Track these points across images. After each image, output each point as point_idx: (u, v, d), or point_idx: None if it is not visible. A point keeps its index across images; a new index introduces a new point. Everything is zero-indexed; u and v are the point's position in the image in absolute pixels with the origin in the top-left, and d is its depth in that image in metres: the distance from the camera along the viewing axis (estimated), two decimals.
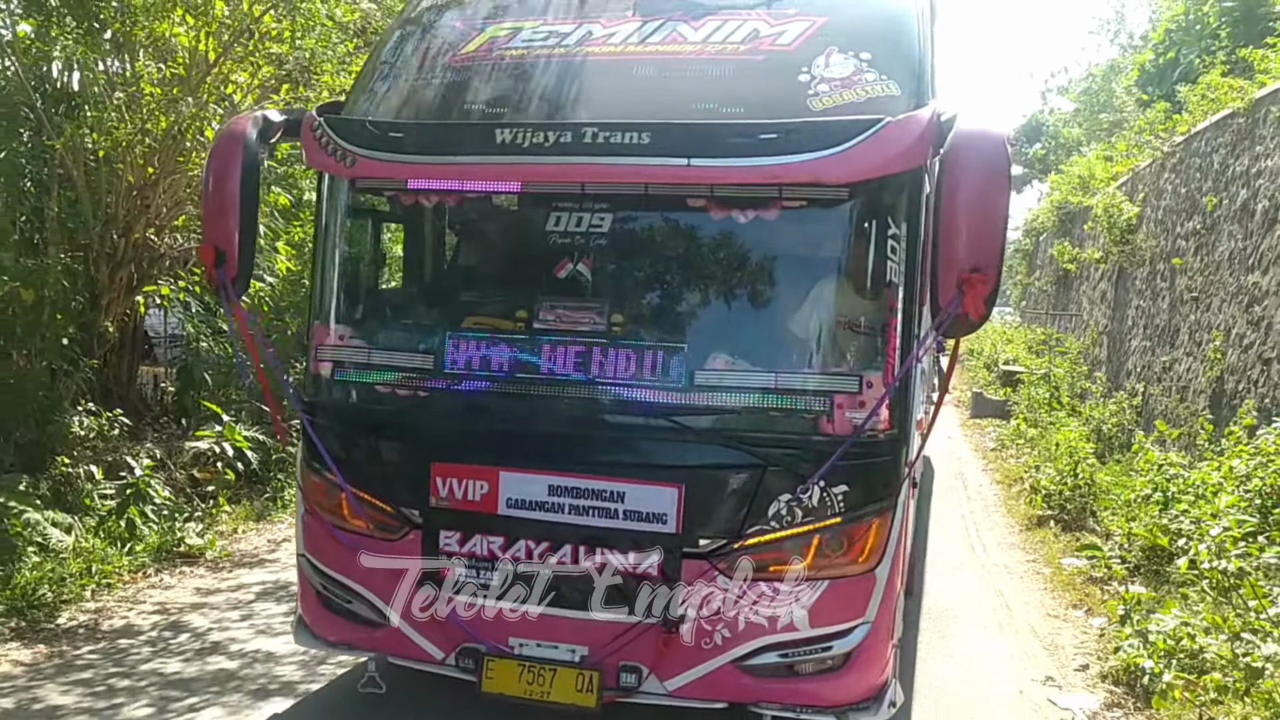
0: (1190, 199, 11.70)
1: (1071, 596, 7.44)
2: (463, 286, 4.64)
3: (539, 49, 4.14)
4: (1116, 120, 19.53)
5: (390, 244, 4.80)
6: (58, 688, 5.15)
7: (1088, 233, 16.90)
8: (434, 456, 3.98)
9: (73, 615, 6.26)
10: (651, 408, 3.80)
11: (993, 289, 3.34)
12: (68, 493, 7.89)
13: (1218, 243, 10.51)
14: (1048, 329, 21.18)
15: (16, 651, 5.62)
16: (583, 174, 3.79)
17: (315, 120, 4.06)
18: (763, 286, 4.07)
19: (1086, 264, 17.11)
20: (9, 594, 6.16)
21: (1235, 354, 9.40)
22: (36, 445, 8.10)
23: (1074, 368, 16.18)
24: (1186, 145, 12.17)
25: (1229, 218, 10.23)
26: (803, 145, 3.47)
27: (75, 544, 7.04)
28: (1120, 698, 5.57)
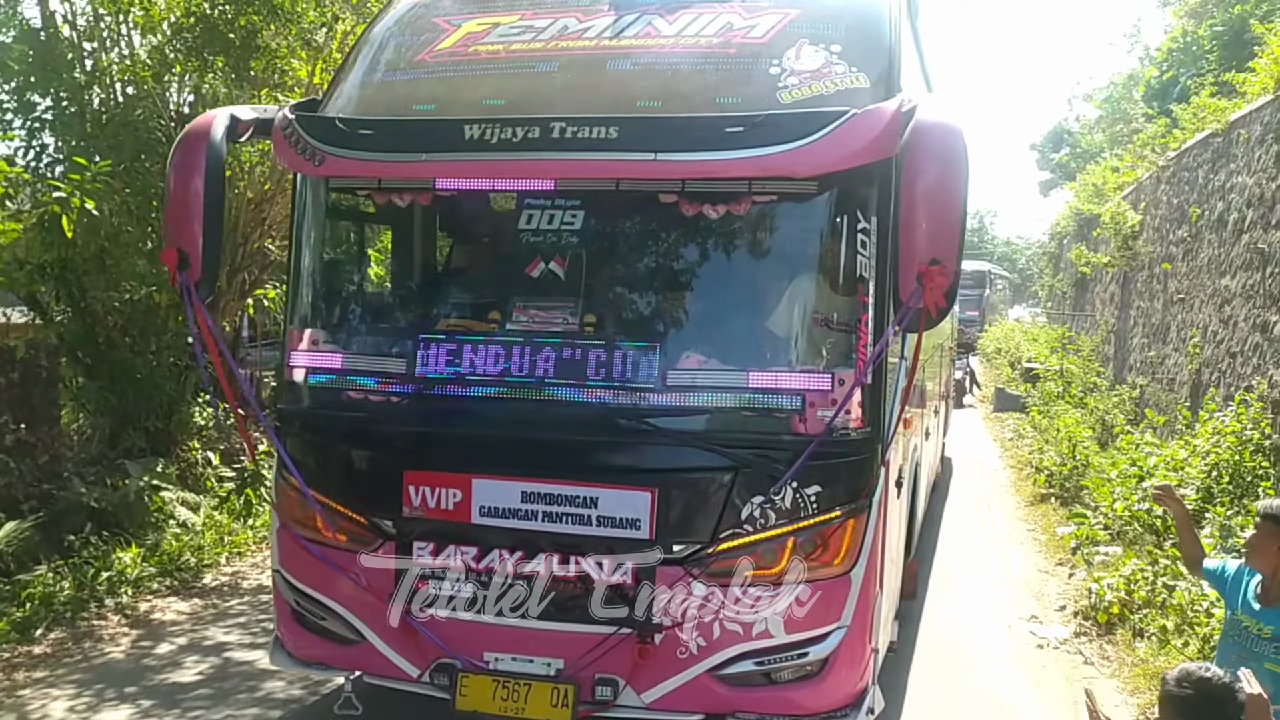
0: (1180, 209, 12.95)
1: (1060, 557, 8.79)
2: (436, 287, 4.54)
3: (514, 44, 4.09)
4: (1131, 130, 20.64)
5: (363, 244, 4.76)
6: (220, 629, 6.59)
7: (1097, 238, 18.11)
8: (406, 464, 3.89)
9: (215, 576, 7.73)
10: (624, 410, 3.74)
11: (952, 282, 3.30)
12: (190, 476, 9.37)
13: (1200, 250, 11.78)
14: (1066, 329, 22.34)
15: (176, 604, 7.11)
16: (551, 170, 3.72)
17: (286, 118, 3.97)
18: (734, 283, 4.04)
19: (1099, 268, 18.31)
20: (159, 559, 7.61)
21: (1210, 349, 10.68)
22: (164, 433, 9.41)
23: (1087, 364, 17.40)
24: (1178, 160, 13.40)
25: (1209, 227, 11.50)
26: (768, 138, 3.42)
27: (206, 519, 8.49)
28: (1087, 629, 6.93)
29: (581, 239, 3.97)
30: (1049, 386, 16.24)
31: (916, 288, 3.26)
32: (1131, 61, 33.92)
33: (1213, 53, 15.01)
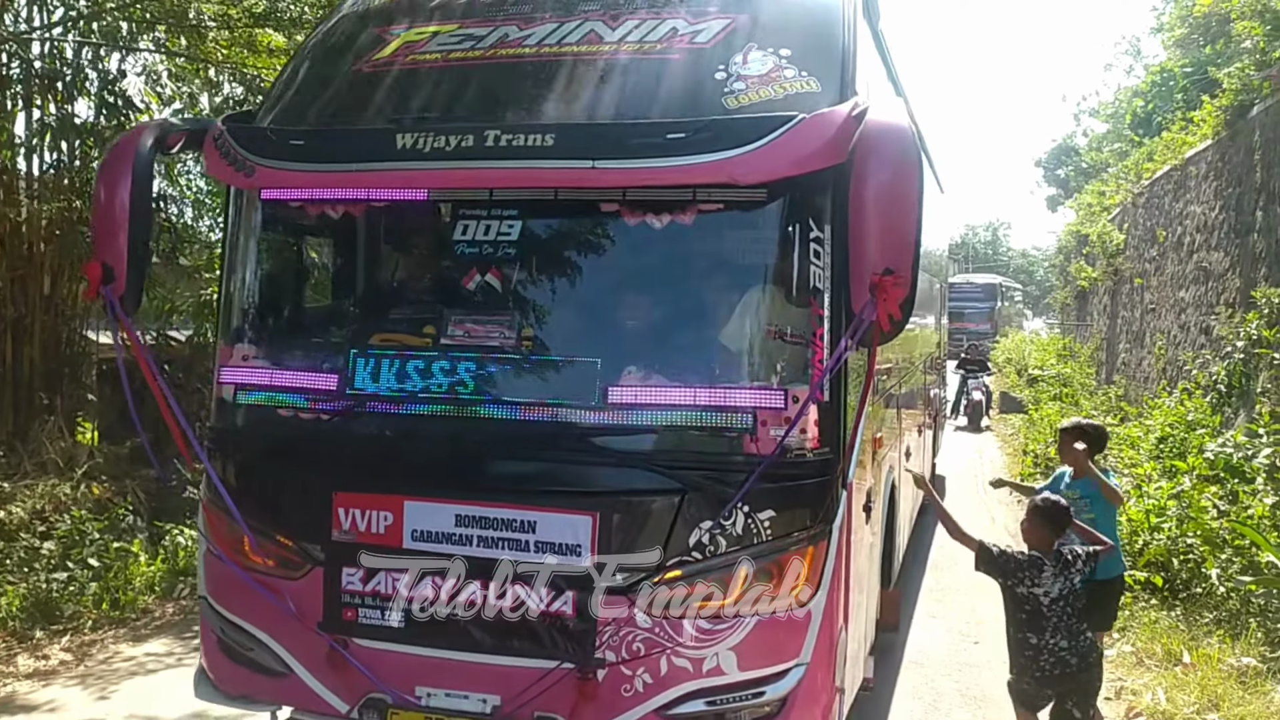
0: (1151, 231, 15.04)
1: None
2: (369, 301, 4.39)
3: (453, 52, 4.00)
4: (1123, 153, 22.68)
5: (296, 257, 4.65)
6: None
7: (1088, 255, 20.19)
8: (336, 485, 3.71)
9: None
10: (563, 428, 3.55)
11: (908, 292, 3.15)
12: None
13: (1166, 267, 13.86)
14: (1071, 338, 24.35)
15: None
16: (486, 179, 3.62)
17: (218, 129, 3.91)
18: (680, 296, 3.86)
19: (1093, 281, 20.38)
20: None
21: (1171, 350, 12.75)
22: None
23: (1083, 369, 19.43)
24: (1150, 188, 15.50)
25: (1171, 248, 13.59)
26: (713, 144, 3.29)
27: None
28: None
29: (519, 250, 3.78)
30: (1044, 389, 18.27)
31: (869, 299, 3.12)
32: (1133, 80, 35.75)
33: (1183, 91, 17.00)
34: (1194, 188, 12.71)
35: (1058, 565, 4.31)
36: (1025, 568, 4.31)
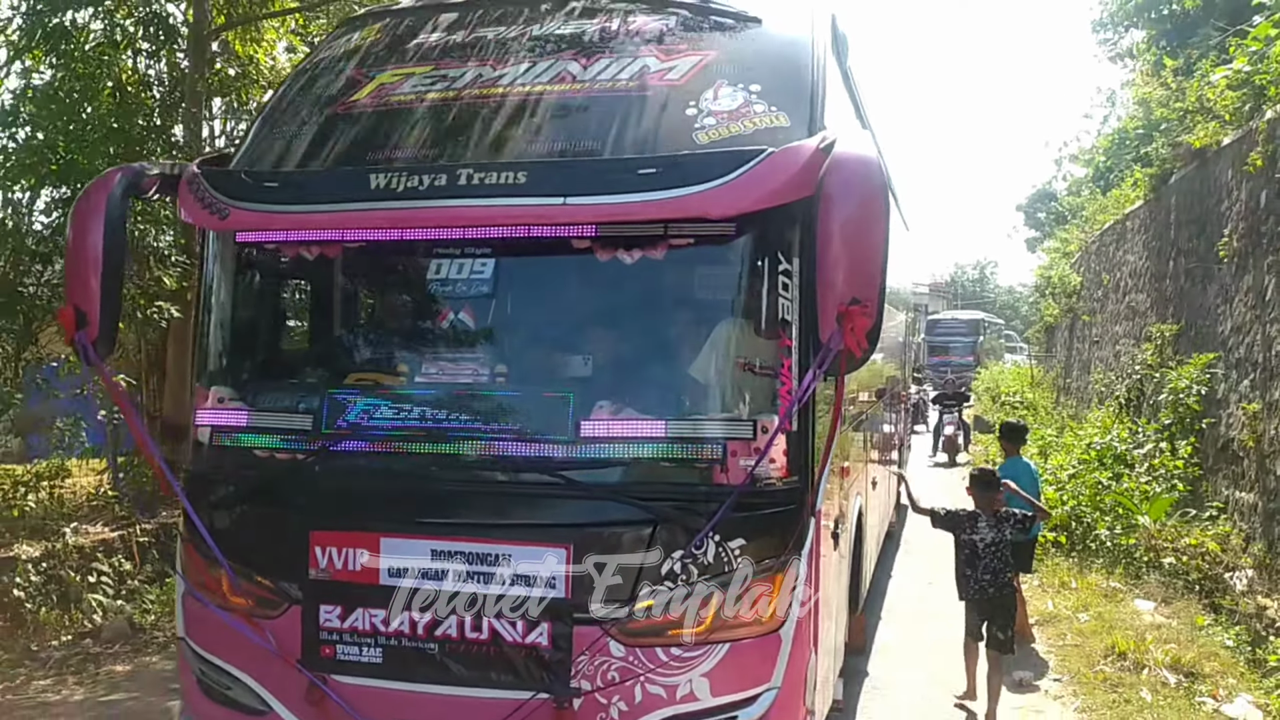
0: (1099, 275, 17.50)
1: None
2: (343, 341, 4.41)
3: (426, 93, 4.06)
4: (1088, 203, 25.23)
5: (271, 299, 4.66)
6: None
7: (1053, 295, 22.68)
8: (312, 523, 3.75)
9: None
10: (536, 463, 3.57)
11: (875, 321, 3.17)
12: None
13: (1108, 306, 16.30)
14: (1039, 367, 26.79)
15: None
16: (458, 218, 3.63)
17: (192, 173, 3.93)
18: (651, 330, 3.93)
19: (1057, 318, 22.83)
20: None
21: (1108, 375, 15.15)
22: None
23: (1045, 394, 21.84)
24: (1100, 238, 17.97)
25: (1112, 289, 16.03)
26: (683, 179, 3.33)
27: None
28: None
29: (491, 287, 3.85)
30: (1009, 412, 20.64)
31: (837, 329, 3.16)
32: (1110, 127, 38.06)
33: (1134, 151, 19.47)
34: (1130, 240, 15.17)
35: (993, 520, 5.74)
36: (965, 521, 5.82)
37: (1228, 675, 6.15)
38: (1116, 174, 20.30)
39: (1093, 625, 7.29)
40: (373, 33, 4.52)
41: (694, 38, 3.96)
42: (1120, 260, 15.69)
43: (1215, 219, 10.34)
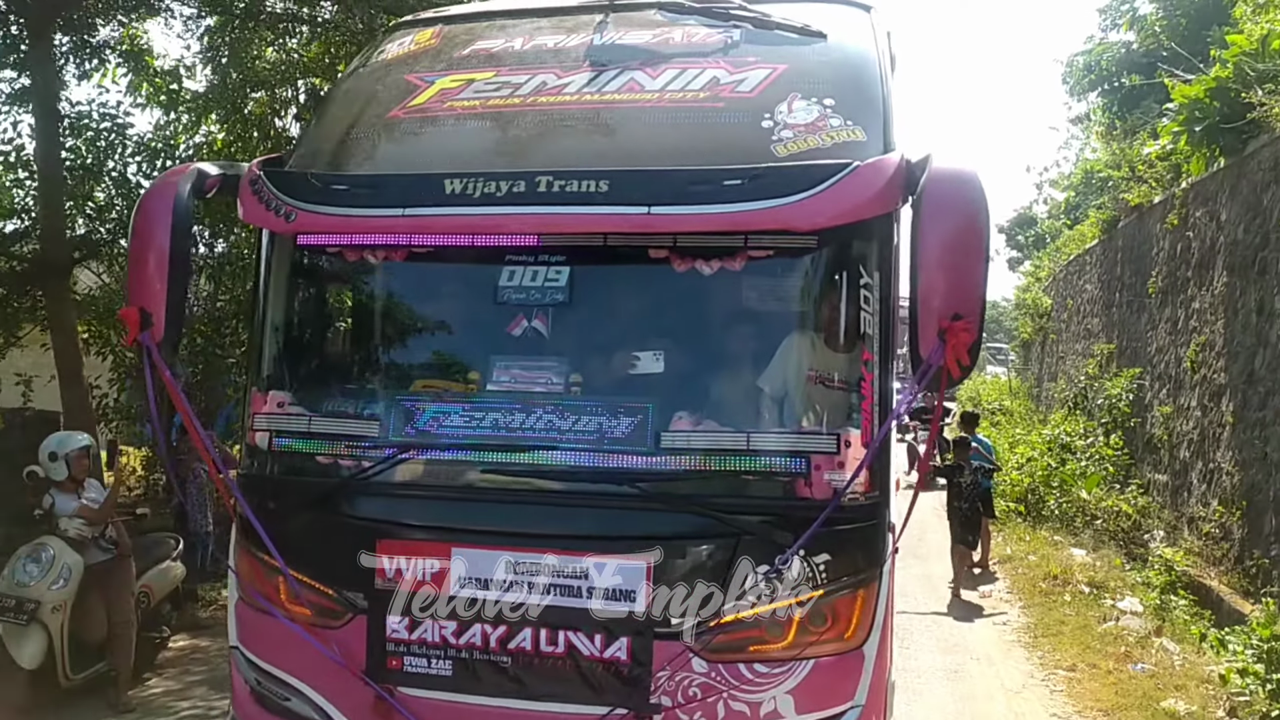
0: (1064, 300, 20.36)
1: None
2: (411, 347, 4.24)
3: (492, 100, 3.98)
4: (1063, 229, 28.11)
5: (335, 303, 4.55)
6: None
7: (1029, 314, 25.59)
8: (380, 533, 3.63)
9: None
10: (615, 474, 3.48)
11: (976, 338, 3.12)
12: None
13: (1070, 327, 19.14)
14: (1016, 379, 29.69)
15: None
16: (537, 224, 3.53)
17: (254, 174, 3.83)
18: (730, 341, 3.80)
19: (1030, 335, 25.70)
20: None
21: (1068, 385, 17.99)
22: None
23: (1021, 402, 24.69)
24: (1067, 267, 20.83)
25: (1074, 313, 18.87)
26: (769, 191, 3.29)
27: None
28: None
29: (566, 295, 3.72)
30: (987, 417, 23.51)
31: (938, 345, 3.09)
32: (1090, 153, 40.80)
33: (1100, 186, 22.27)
34: (1088, 272, 18.01)
35: (970, 469, 9.45)
36: (954, 470, 9.52)
37: (1124, 589, 8.91)
38: (1083, 210, 23.17)
39: (1037, 562, 10.07)
40: (426, 37, 4.52)
41: (762, 51, 3.97)
42: (1080, 288, 18.55)
43: (1148, 262, 13.15)
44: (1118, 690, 6.36)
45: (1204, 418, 10.41)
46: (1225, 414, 9.74)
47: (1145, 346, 12.89)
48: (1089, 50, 18.31)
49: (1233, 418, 9.51)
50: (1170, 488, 11.21)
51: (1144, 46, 16.56)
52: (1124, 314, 14.50)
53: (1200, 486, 10.29)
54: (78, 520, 6.20)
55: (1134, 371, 12.65)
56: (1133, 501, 11.18)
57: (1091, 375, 14.44)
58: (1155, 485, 11.76)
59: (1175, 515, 10.92)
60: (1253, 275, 9.39)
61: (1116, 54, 17.61)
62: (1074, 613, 8.29)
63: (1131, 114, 16.69)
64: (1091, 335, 16.67)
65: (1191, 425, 10.79)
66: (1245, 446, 9.16)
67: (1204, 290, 10.81)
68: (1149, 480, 11.96)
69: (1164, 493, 11.43)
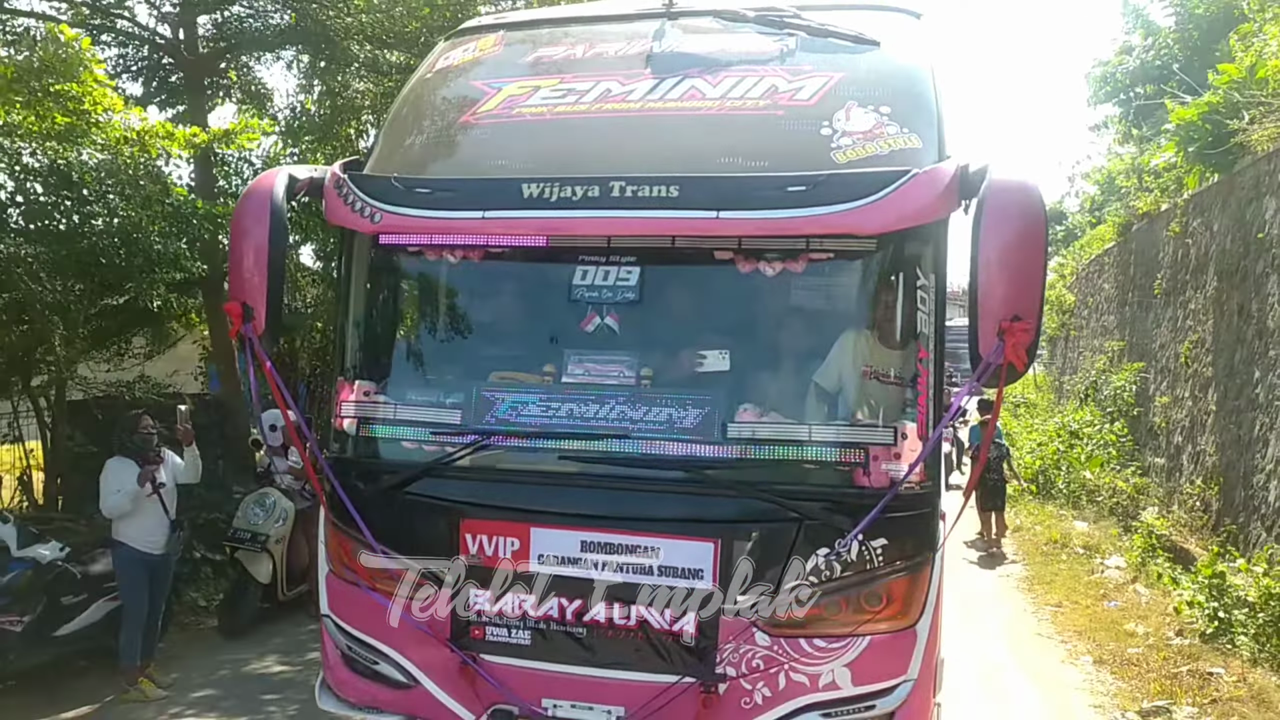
0: (1085, 298, 21.60)
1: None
2: (489, 341, 4.45)
3: (559, 106, 4.14)
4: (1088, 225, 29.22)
5: (415, 298, 4.68)
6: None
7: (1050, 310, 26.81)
8: (463, 513, 3.89)
9: None
10: (685, 461, 3.70)
11: (1034, 337, 3.31)
12: None
13: (1090, 324, 20.40)
14: (1042, 373, 30.92)
15: None
16: (611, 227, 3.73)
17: (339, 177, 4.05)
18: (792, 338, 4.00)
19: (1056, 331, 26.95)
20: None
21: (1087, 376, 19.28)
22: None
23: (1044, 395, 25.92)
24: (1088, 266, 22.04)
25: (1093, 310, 20.13)
26: (832, 197, 3.47)
27: None
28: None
29: (636, 294, 3.90)
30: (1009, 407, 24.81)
31: (998, 344, 3.26)
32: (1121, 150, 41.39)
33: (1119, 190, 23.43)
34: (1106, 271, 19.25)
35: (995, 449, 10.92)
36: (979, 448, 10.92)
37: (1113, 550, 10.33)
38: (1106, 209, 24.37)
39: (1042, 531, 11.50)
40: (489, 44, 4.67)
41: (817, 59, 4.10)
42: (1099, 286, 19.80)
43: (1155, 265, 14.43)
44: (1092, 619, 7.84)
45: (1194, 406, 11.76)
46: (1210, 403, 11.08)
47: (1151, 343, 14.19)
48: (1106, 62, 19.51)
49: (1215, 406, 10.86)
50: (1166, 469, 12.57)
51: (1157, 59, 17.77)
52: (1134, 312, 15.78)
53: (1189, 467, 11.66)
54: (288, 476, 8.07)
55: (1137, 366, 14.00)
56: (1129, 480, 12.55)
57: (1100, 369, 15.79)
58: (1154, 468, 13.12)
59: (1168, 493, 12.28)
60: (1236, 281, 10.69)
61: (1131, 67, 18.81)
62: (1067, 568, 9.74)
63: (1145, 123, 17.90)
64: (1107, 332, 17.95)
65: (1184, 414, 12.13)
66: (1224, 431, 10.51)
67: (1198, 293, 12.11)
68: (1149, 463, 13.31)
69: (1160, 474, 12.79)
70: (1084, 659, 6.98)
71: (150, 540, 6.45)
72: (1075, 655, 7.10)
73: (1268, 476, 9.01)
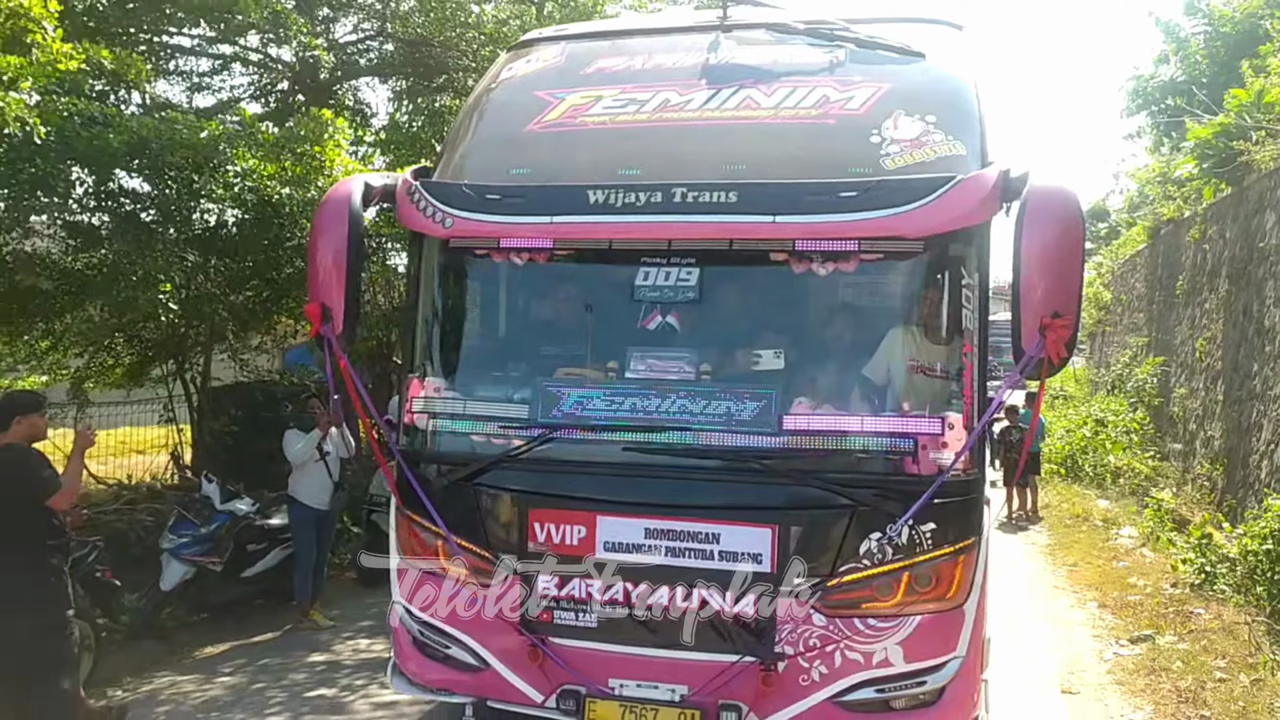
0: (1119, 295, 22.79)
1: None
2: (554, 339, 4.62)
3: (620, 115, 4.29)
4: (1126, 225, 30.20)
5: (483, 299, 4.79)
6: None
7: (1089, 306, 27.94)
8: (531, 502, 4.04)
9: None
10: (743, 451, 3.86)
11: (1073, 333, 3.48)
12: None
13: (1124, 319, 21.59)
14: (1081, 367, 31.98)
15: None
16: (674, 232, 3.87)
17: (411, 184, 4.19)
18: (843, 334, 4.18)
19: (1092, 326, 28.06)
20: None
21: (1121, 367, 20.52)
22: None
23: (1081, 387, 27.09)
24: (1123, 265, 23.19)
25: (1126, 307, 21.33)
26: (882, 201, 3.62)
27: None
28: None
29: (696, 293, 4.06)
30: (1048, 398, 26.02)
31: (1039, 339, 3.44)
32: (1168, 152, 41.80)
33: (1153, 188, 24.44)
34: (1138, 270, 20.44)
35: (1014, 431, 12.25)
36: (1007, 430, 12.21)
37: (1128, 523, 11.73)
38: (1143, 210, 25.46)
39: (1068, 507, 12.91)
40: (551, 55, 4.81)
41: (866, 70, 4.24)
42: (1132, 285, 20.99)
43: (1178, 267, 15.66)
44: (1101, 575, 9.29)
45: (1205, 397, 13.07)
46: (1218, 394, 12.40)
47: (1173, 339, 15.45)
48: (1138, 76, 20.65)
49: (1222, 397, 12.18)
50: (1182, 454, 13.89)
51: (1186, 74, 18.91)
52: (1160, 310, 17.03)
53: (1201, 451, 12.98)
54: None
55: (1159, 360, 15.32)
56: (1145, 462, 13.91)
57: (1125, 363, 17.10)
58: (1172, 453, 14.44)
59: (1183, 474, 13.61)
60: (1242, 284, 11.98)
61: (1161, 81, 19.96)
62: (1086, 537, 11.16)
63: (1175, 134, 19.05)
64: (1137, 328, 19.19)
65: (1198, 404, 13.44)
66: (1228, 418, 11.84)
67: (1212, 294, 13.39)
68: (1168, 449, 14.63)
69: (1178, 458, 14.10)
70: (1090, 604, 8.43)
71: (318, 498, 8.12)
72: (1083, 602, 8.56)
73: (1260, 457, 10.37)
